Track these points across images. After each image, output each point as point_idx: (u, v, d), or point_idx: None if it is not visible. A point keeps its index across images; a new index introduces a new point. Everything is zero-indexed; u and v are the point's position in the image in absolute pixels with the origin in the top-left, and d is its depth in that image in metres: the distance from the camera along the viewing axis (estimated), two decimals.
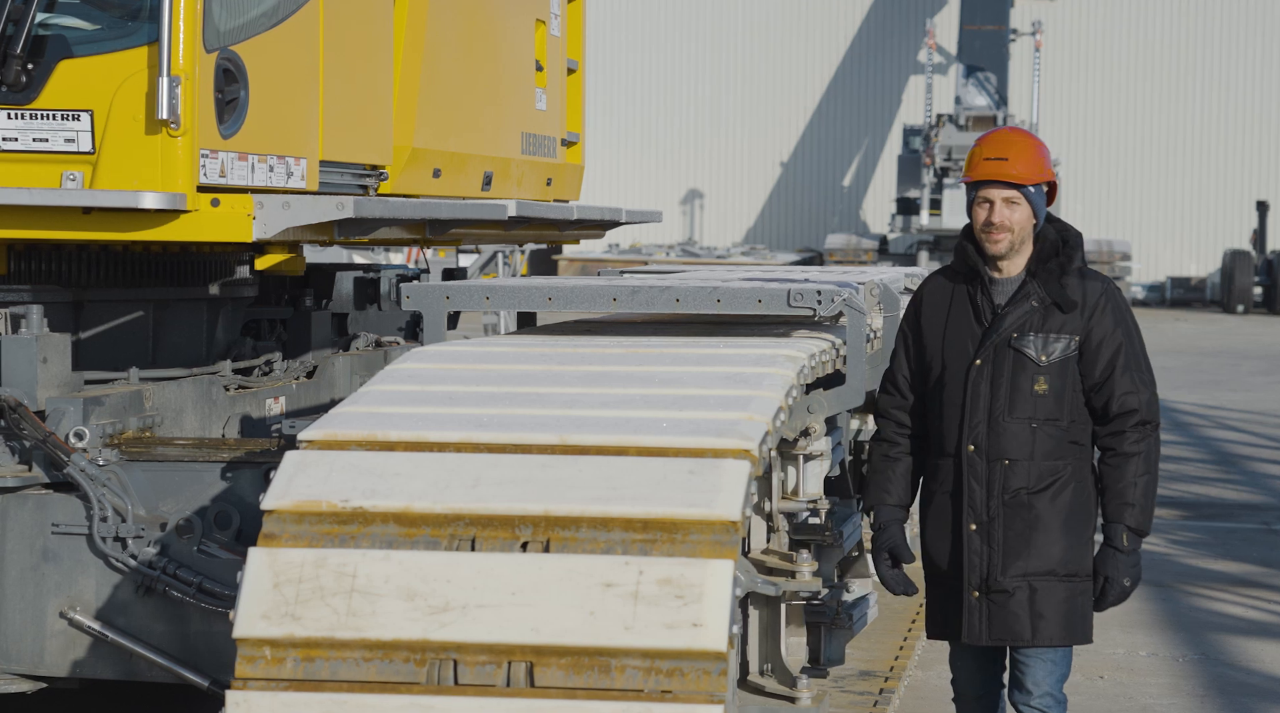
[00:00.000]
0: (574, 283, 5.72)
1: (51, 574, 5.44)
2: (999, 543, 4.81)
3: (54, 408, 5.50)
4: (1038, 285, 4.84)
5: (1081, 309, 4.82)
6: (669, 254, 37.62)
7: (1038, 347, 4.80)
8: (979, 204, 4.86)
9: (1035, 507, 4.80)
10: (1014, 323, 4.81)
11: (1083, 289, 4.85)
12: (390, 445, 4.33)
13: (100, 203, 5.33)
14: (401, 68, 6.91)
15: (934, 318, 4.95)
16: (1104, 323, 4.82)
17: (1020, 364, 4.81)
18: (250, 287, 7.15)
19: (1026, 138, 4.92)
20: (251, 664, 4.04)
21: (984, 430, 4.82)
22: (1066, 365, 4.81)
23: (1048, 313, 4.82)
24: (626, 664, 3.93)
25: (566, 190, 9.13)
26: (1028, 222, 4.86)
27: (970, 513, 4.84)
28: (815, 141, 44.29)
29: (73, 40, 5.38)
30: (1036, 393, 4.79)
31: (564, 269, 35.71)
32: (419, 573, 4.04)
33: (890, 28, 43.67)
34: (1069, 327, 4.82)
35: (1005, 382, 4.81)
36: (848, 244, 37.84)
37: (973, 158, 4.89)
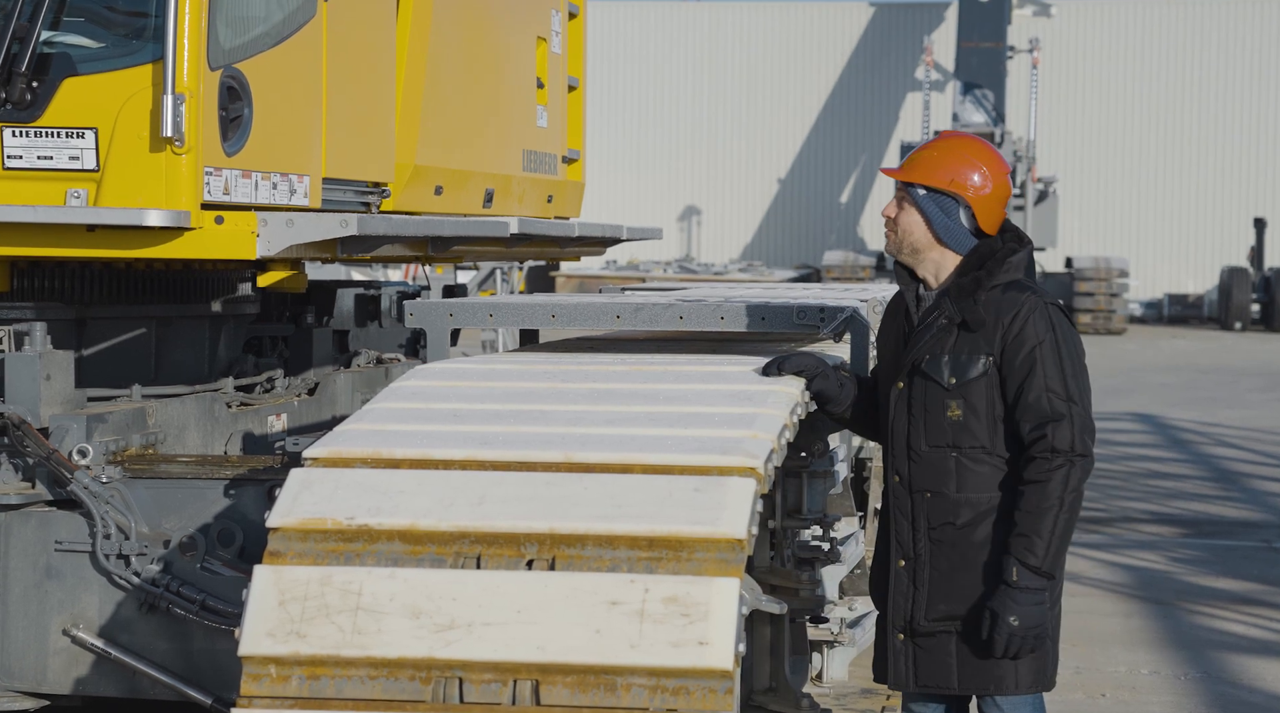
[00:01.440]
0: (577, 300, 5.72)
1: (54, 592, 5.44)
2: (924, 582, 4.46)
3: (57, 425, 5.50)
4: (948, 302, 4.46)
5: (996, 324, 4.40)
6: (666, 271, 37.64)
7: (947, 369, 4.43)
8: None
9: (961, 544, 4.42)
10: (926, 344, 4.47)
11: (999, 304, 4.41)
12: (395, 463, 4.33)
13: (104, 220, 5.33)
14: (404, 84, 6.93)
15: (884, 336, 4.72)
16: (1021, 338, 4.38)
17: (932, 390, 4.46)
18: (252, 304, 7.16)
19: (964, 145, 4.58)
20: (257, 682, 4.03)
21: (905, 461, 4.50)
22: (985, 389, 4.41)
23: (958, 332, 4.44)
24: (632, 683, 3.92)
25: (567, 207, 9.15)
26: (917, 228, 4.51)
27: (898, 548, 4.51)
28: (813, 158, 44.35)
29: (77, 58, 5.38)
30: (950, 419, 4.42)
31: (562, 286, 35.73)
32: (424, 591, 4.04)
33: (887, 45, 43.76)
34: (980, 346, 4.41)
35: (919, 409, 4.47)
36: (845, 261, 37.88)
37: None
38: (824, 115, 44.23)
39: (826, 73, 44.12)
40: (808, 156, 44.40)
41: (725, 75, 44.43)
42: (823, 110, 44.26)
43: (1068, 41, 42.39)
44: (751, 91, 44.28)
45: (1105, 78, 42.51)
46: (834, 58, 44.14)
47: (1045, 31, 41.13)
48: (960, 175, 4.51)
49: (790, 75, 44.14)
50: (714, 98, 44.47)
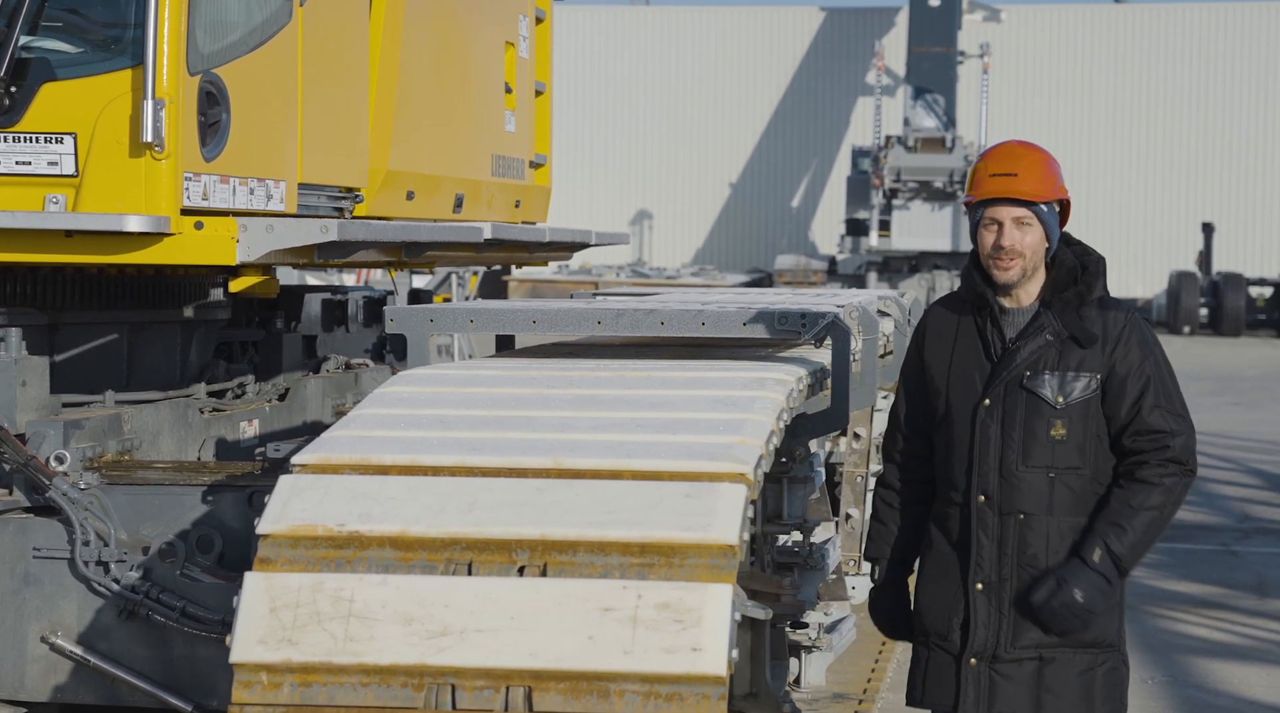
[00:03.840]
0: (557, 306, 5.73)
1: (33, 599, 5.41)
2: (1010, 608, 4.30)
3: (34, 431, 5.47)
4: (1053, 317, 4.32)
5: (1103, 343, 4.30)
6: (619, 275, 37.66)
7: (1054, 387, 4.30)
8: (985, 226, 4.36)
9: (1053, 569, 4.28)
10: (1027, 360, 4.32)
11: (1103, 321, 4.32)
12: (384, 469, 4.32)
13: (84, 226, 5.31)
14: (376, 89, 6.93)
15: (939, 352, 4.47)
16: (1129, 357, 4.30)
17: (1034, 406, 4.31)
18: (223, 309, 7.14)
19: (1035, 151, 4.43)
20: (248, 689, 4.02)
21: (995, 480, 4.33)
22: (1088, 407, 4.30)
23: (1065, 348, 4.31)
24: (625, 689, 3.93)
25: (534, 212, 9.16)
26: (1040, 245, 4.36)
27: (978, 571, 4.33)
28: (764, 163, 44.47)
29: (56, 63, 5.36)
30: (1053, 439, 4.29)
31: (514, 290, 35.71)
32: (416, 597, 4.03)
33: (838, 50, 43.93)
34: (1089, 363, 4.30)
35: (1018, 426, 4.31)
36: (797, 265, 37.99)
37: (977, 174, 4.40)
38: (775, 120, 44.36)
39: (778, 77, 44.26)
40: (759, 161, 44.52)
41: (677, 79, 44.49)
42: (774, 115, 44.39)
43: (1017, 47, 42.66)
44: (703, 95, 44.37)
45: (1054, 82, 42.79)
46: (785, 62, 44.28)
47: (995, 37, 41.36)
48: (1060, 178, 4.42)
49: (742, 79, 44.25)
50: (665, 101, 44.54)
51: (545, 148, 9.35)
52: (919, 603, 4.47)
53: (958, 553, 4.37)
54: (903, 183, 34.87)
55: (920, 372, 4.52)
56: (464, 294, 24.58)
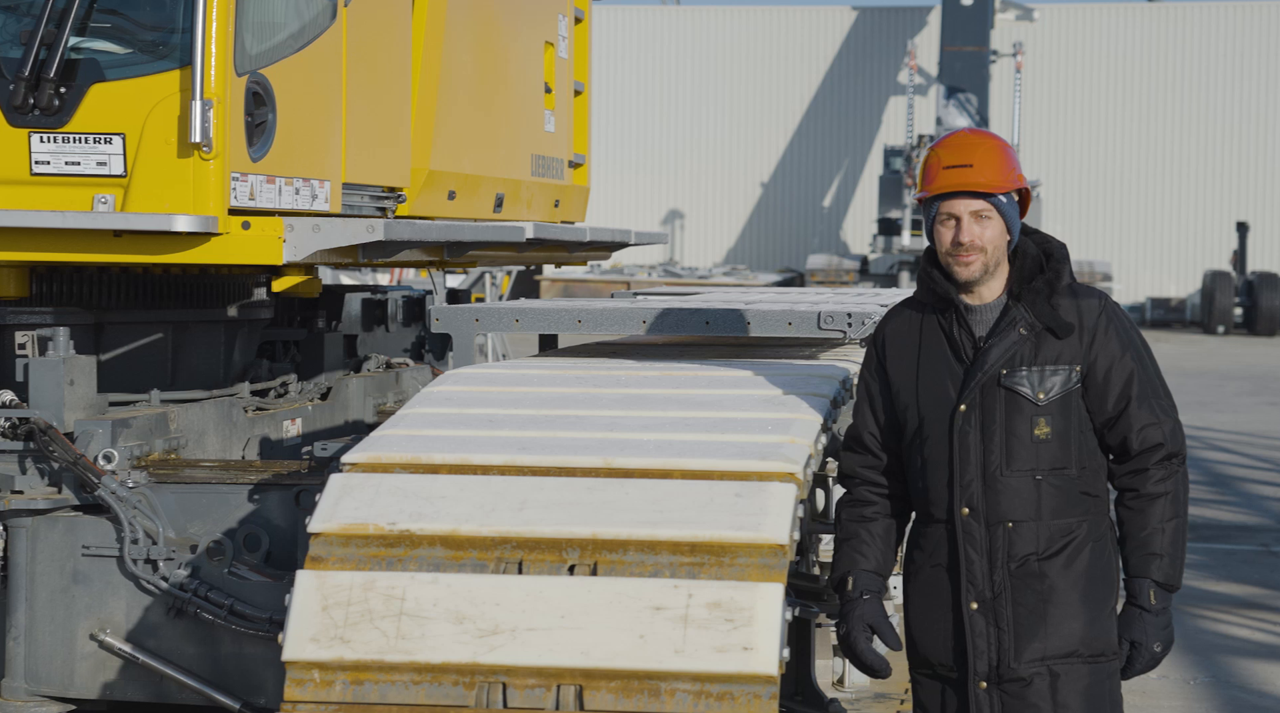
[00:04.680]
0: (602, 306, 5.74)
1: (82, 596, 5.44)
2: (1009, 622, 4.05)
3: (82, 430, 5.50)
4: (1024, 309, 4.07)
5: (1080, 332, 4.07)
6: (651, 275, 37.66)
7: (1033, 382, 4.05)
8: (942, 222, 4.07)
9: (1048, 576, 4.05)
10: (1001, 357, 4.05)
11: (1078, 309, 4.09)
12: (434, 468, 4.34)
13: (132, 226, 5.34)
14: (419, 90, 6.95)
15: (902, 360, 4.18)
16: (1109, 346, 4.07)
17: (1014, 405, 4.04)
18: (266, 308, 7.17)
19: (989, 139, 4.14)
20: (300, 687, 4.03)
21: (979, 489, 4.06)
22: (1069, 401, 4.06)
23: (1040, 341, 4.06)
24: (677, 688, 3.94)
25: (572, 212, 9.18)
26: (1001, 238, 4.08)
27: (970, 589, 4.06)
28: (796, 162, 44.43)
29: (105, 64, 5.39)
30: (1037, 438, 4.04)
31: (546, 290, 35.74)
32: (468, 596, 4.05)
33: (870, 49, 43.86)
34: (1067, 355, 4.06)
35: (999, 428, 4.04)
36: (829, 265, 37.94)
37: (929, 167, 4.10)
38: (807, 119, 44.31)
39: (810, 76, 44.21)
40: (791, 160, 44.48)
41: (709, 79, 44.48)
42: (806, 114, 44.34)
43: (1051, 45, 42.54)
44: (735, 95, 44.35)
45: (1088, 81, 42.66)
46: (817, 61, 44.23)
47: (1028, 35, 41.25)
48: (1017, 166, 4.14)
49: (774, 79, 44.21)
50: (698, 101, 44.53)
51: (584, 148, 9.36)
52: (912, 632, 4.20)
53: (946, 574, 4.10)
54: None
55: (883, 385, 4.21)
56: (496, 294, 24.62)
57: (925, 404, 4.12)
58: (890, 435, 4.22)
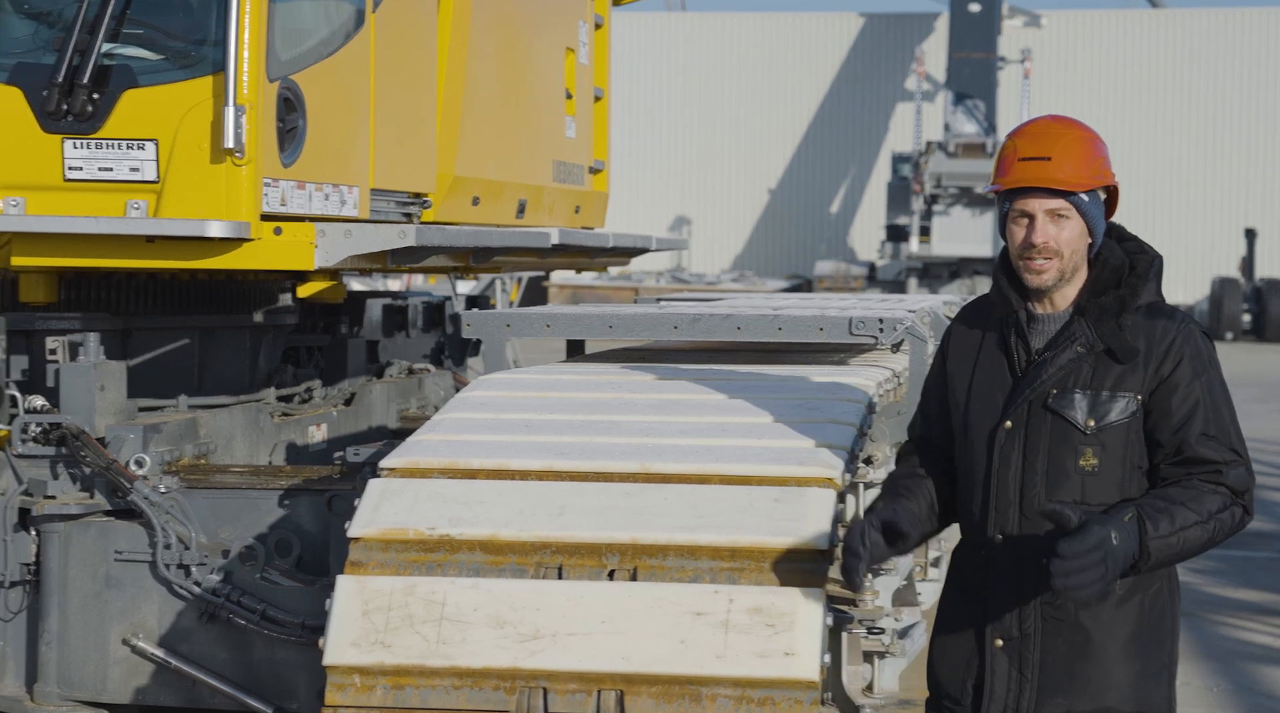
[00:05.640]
0: (633, 311, 5.75)
1: (114, 601, 5.45)
2: (1033, 669, 3.65)
3: (114, 435, 5.52)
4: (1086, 326, 3.64)
5: (1146, 358, 3.62)
6: (659, 281, 37.67)
7: (1084, 408, 3.61)
8: (1015, 220, 3.66)
9: (1084, 626, 3.62)
10: (1054, 376, 3.64)
11: (1148, 331, 3.64)
12: (472, 473, 4.35)
13: (166, 231, 5.36)
14: (444, 96, 6.96)
15: (962, 365, 3.82)
16: (1177, 373, 3.60)
17: (1061, 431, 3.63)
18: (291, 314, 7.18)
19: (1073, 128, 3.69)
20: (341, 692, 4.04)
21: (1015, 517, 3.67)
22: (1127, 434, 3.61)
23: (1099, 363, 3.63)
24: (718, 693, 3.95)
25: (593, 217, 9.18)
26: (1081, 241, 3.66)
27: (997, 625, 3.68)
28: (803, 168, 44.44)
29: (138, 70, 5.41)
30: (1083, 470, 3.61)
31: (554, 296, 35.76)
32: (508, 601, 4.06)
33: (878, 55, 43.88)
34: (1128, 381, 3.62)
35: (1041, 454, 3.64)
36: (837, 271, 37.95)
37: (1004, 156, 3.68)
38: (815, 125, 44.32)
39: (817, 83, 44.23)
40: (798, 167, 44.49)
41: (716, 85, 44.50)
42: (813, 120, 44.35)
43: (1058, 52, 42.55)
44: (742, 101, 44.36)
45: (1095, 88, 42.67)
46: (825, 68, 44.24)
47: (1036, 42, 41.26)
48: (1106, 161, 3.70)
49: (781, 85, 44.23)
50: (704, 108, 44.55)
51: (604, 153, 9.37)
52: (932, 659, 3.85)
53: (974, 603, 3.73)
54: (943, 188, 34.81)
55: (943, 387, 3.86)
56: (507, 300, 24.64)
57: (973, 414, 3.75)
58: (946, 441, 3.86)
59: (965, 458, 3.78)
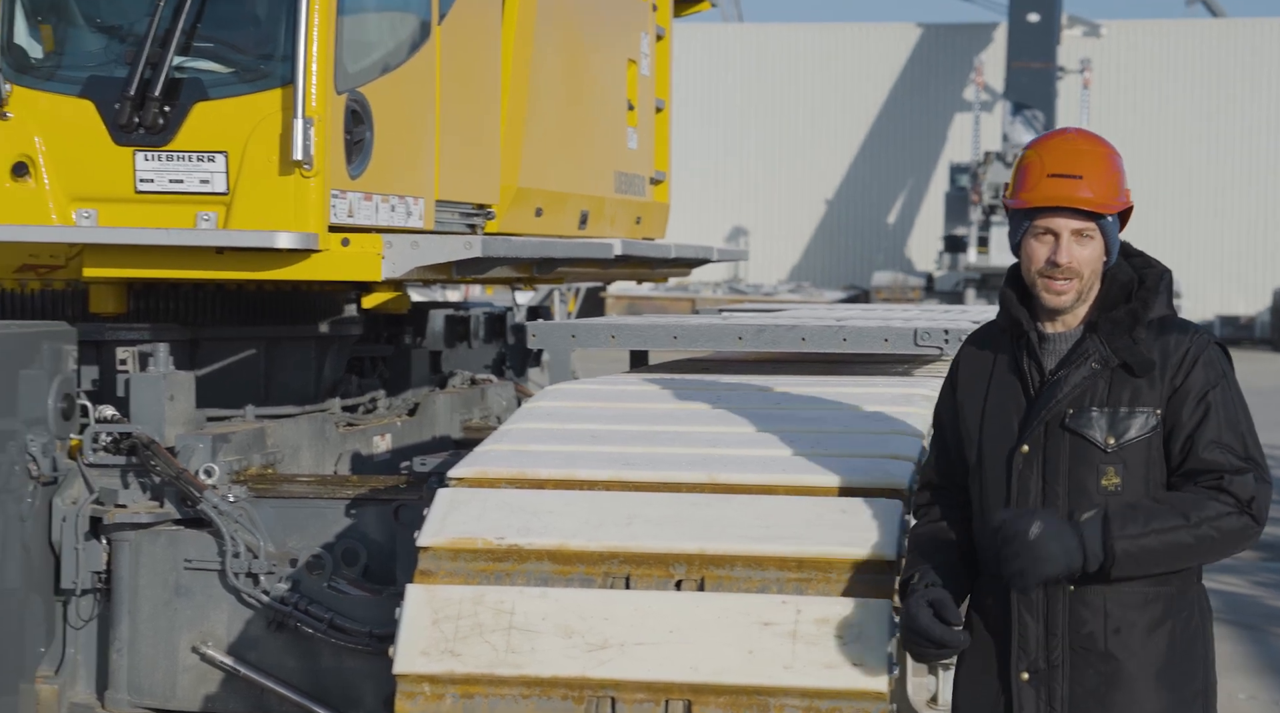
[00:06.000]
0: (697, 322, 5.77)
1: (184, 609, 5.50)
2: (1063, 702, 3.54)
3: (184, 445, 5.57)
4: (1099, 341, 3.55)
5: (1161, 371, 3.53)
6: (716, 292, 37.67)
7: (1103, 426, 3.51)
8: (1037, 236, 3.56)
9: (1116, 656, 3.51)
10: (1069, 394, 3.53)
11: (1162, 345, 3.55)
12: (540, 483, 4.37)
13: (235, 243, 5.41)
14: (508, 107, 7.00)
15: (973, 391, 3.71)
16: (1189, 382, 3.52)
17: (1080, 451, 3.52)
18: (355, 325, 7.23)
19: (1100, 146, 3.61)
20: (411, 700, 4.07)
21: None
22: (1148, 451, 3.51)
23: (1115, 379, 3.54)
24: (785, 703, 3.95)
25: (653, 228, 9.21)
26: (1099, 260, 3.58)
27: (1023, 657, 3.56)
28: (860, 179, 44.38)
29: (208, 83, 5.46)
30: (1105, 490, 3.49)
31: (612, 307, 35.80)
32: (576, 610, 4.07)
33: (936, 66, 43.78)
34: (1146, 396, 3.52)
35: (1062, 477, 3.53)
36: (894, 282, 37.89)
37: (1028, 170, 3.57)
38: (871, 136, 44.26)
39: (875, 93, 44.16)
40: (855, 178, 44.43)
41: (773, 96, 44.50)
42: (870, 131, 44.29)
43: (1118, 62, 42.34)
44: (799, 112, 44.35)
45: (1155, 97, 42.44)
46: (882, 79, 44.17)
47: (1095, 52, 41.08)
48: (1124, 181, 3.64)
49: (838, 96, 44.19)
50: (762, 119, 44.55)
51: (664, 164, 9.40)
52: (957, 697, 3.74)
53: (998, 638, 3.60)
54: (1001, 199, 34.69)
55: (954, 415, 3.75)
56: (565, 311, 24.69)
57: (988, 440, 3.63)
58: (960, 472, 3.74)
59: (980, 487, 3.66)
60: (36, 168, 5.46)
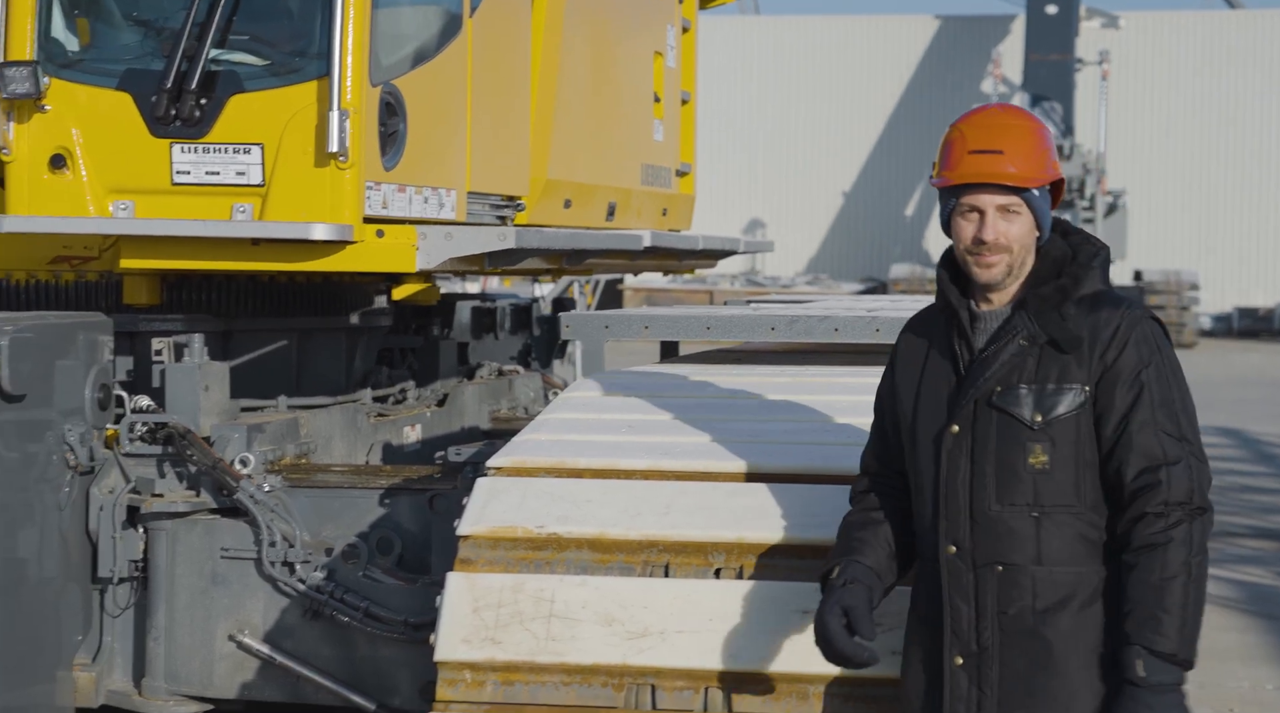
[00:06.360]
0: (730, 313, 5.79)
1: (220, 598, 5.54)
2: (993, 686, 3.47)
3: (220, 435, 5.60)
4: (1028, 318, 3.49)
5: (1091, 346, 3.46)
6: (733, 284, 37.67)
7: (1030, 403, 3.45)
8: (963, 214, 3.52)
9: (1044, 635, 3.43)
10: (997, 372, 3.48)
11: (1093, 320, 3.48)
12: (579, 472, 4.40)
13: (271, 234, 5.44)
14: (537, 100, 7.02)
15: (909, 373, 3.67)
16: (1122, 360, 3.45)
17: (1008, 429, 3.46)
18: (386, 316, 7.26)
19: (1023, 120, 3.55)
20: (452, 687, 4.10)
21: (966, 524, 3.49)
22: (1077, 426, 3.44)
23: (1044, 356, 3.47)
24: (825, 691, 3.98)
25: (679, 220, 9.23)
26: (1029, 236, 3.52)
27: (955, 642, 3.50)
28: (878, 171, 44.33)
29: (244, 76, 5.50)
30: (1033, 468, 3.43)
31: (629, 299, 35.81)
32: (616, 599, 4.11)
33: (954, 58, 43.71)
34: (1074, 372, 3.45)
35: (990, 456, 3.47)
36: (912, 274, 37.82)
37: (951, 149, 3.53)
38: (890, 128, 44.20)
39: (892, 85, 44.11)
40: (873, 170, 44.38)
41: (790, 88, 44.47)
42: (888, 123, 44.23)
43: (1136, 53, 42.25)
44: (817, 104, 44.31)
45: (1174, 89, 42.34)
46: (900, 70, 44.12)
47: (1113, 44, 41.00)
48: (1053, 153, 3.56)
49: (856, 88, 44.15)
50: (779, 111, 44.52)
51: (690, 156, 9.42)
52: (904, 687, 3.70)
53: (933, 624, 3.56)
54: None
55: (893, 399, 3.72)
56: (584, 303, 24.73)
57: (920, 421, 3.60)
58: (898, 457, 3.72)
59: (914, 470, 3.63)
60: (74, 160, 5.50)
